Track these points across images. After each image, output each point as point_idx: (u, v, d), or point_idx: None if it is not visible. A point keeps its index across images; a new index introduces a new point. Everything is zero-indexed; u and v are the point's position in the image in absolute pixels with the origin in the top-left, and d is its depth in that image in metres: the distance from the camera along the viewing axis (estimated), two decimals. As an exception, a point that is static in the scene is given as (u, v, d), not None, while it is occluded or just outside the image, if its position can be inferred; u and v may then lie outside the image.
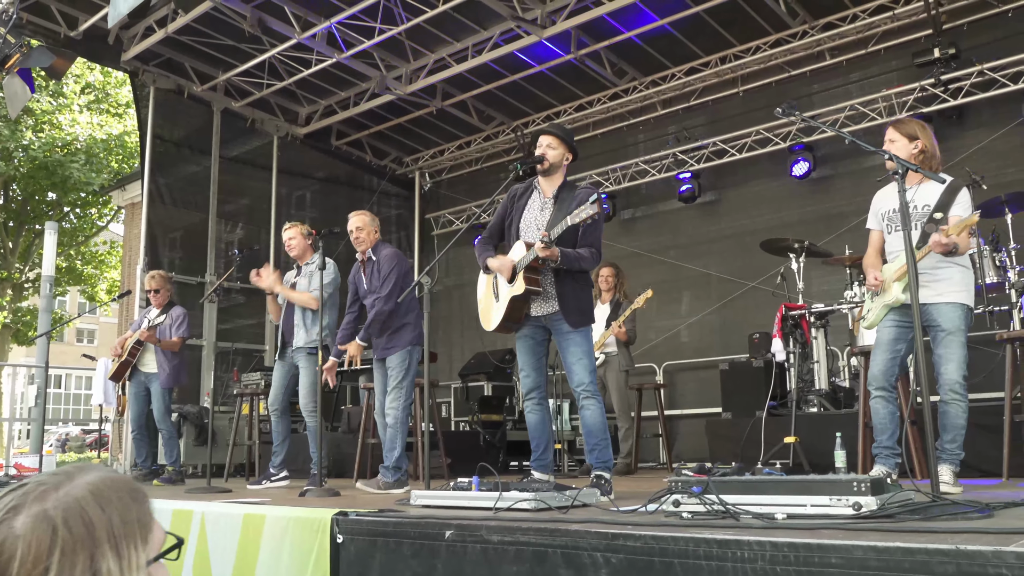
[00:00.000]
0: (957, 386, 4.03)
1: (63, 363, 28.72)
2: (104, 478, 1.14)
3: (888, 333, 4.25)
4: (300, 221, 6.62)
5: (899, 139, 4.24)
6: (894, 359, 4.25)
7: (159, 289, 7.32)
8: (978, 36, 8.13)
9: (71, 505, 1.08)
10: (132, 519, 1.13)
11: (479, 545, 2.87)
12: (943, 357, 4.06)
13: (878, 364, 4.28)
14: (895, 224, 4.27)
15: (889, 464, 4.23)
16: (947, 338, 4.03)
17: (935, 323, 4.08)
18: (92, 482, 1.12)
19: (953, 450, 4.06)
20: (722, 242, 9.80)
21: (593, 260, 4.36)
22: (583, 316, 4.37)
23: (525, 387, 4.46)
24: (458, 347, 11.90)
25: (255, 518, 3.70)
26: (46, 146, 19.17)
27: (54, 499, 1.08)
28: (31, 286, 21.77)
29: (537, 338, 4.47)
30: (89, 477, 1.13)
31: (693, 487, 2.91)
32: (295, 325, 6.24)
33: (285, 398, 6.39)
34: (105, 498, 1.11)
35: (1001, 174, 7.49)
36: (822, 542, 2.18)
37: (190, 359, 9.89)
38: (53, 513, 1.07)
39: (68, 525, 1.07)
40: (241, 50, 9.55)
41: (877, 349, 4.31)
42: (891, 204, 4.30)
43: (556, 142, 4.44)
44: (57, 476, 1.13)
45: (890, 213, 4.31)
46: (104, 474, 1.15)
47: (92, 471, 1.15)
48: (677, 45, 9.37)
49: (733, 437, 6.60)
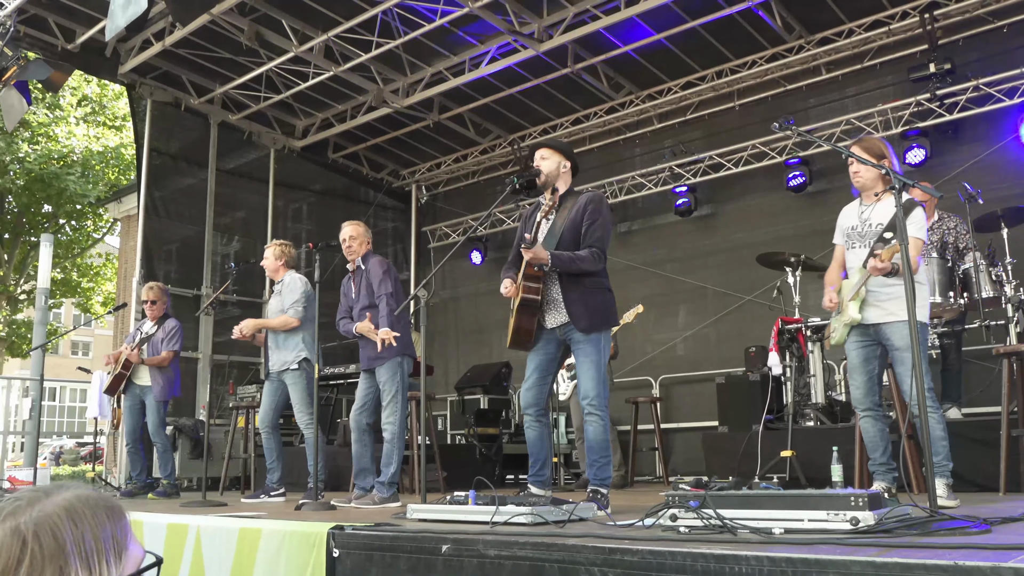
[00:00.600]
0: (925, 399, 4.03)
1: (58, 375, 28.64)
2: (79, 496, 1.16)
3: (858, 355, 4.30)
4: (284, 241, 6.73)
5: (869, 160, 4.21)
6: (871, 379, 4.29)
7: (156, 301, 7.32)
8: (973, 51, 8.17)
9: (42, 520, 1.11)
10: (105, 535, 1.15)
11: (475, 559, 2.86)
12: (903, 374, 4.11)
13: (858, 387, 4.32)
14: (853, 241, 4.33)
15: (888, 480, 4.23)
16: (905, 356, 4.03)
17: (889, 342, 4.14)
18: (67, 499, 1.15)
19: (940, 462, 4.03)
20: (718, 255, 9.81)
21: (594, 261, 4.23)
22: (593, 321, 4.24)
23: (525, 401, 4.38)
24: (454, 360, 11.90)
25: (251, 532, 3.68)
26: (42, 158, 19.15)
27: (27, 515, 1.11)
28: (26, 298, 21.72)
29: (550, 353, 4.37)
30: (65, 495, 1.16)
31: (690, 501, 2.90)
32: (270, 348, 6.37)
33: (275, 415, 6.41)
34: (78, 514, 1.14)
35: (996, 188, 7.51)
36: (820, 557, 2.17)
37: (186, 372, 9.88)
38: (24, 528, 1.10)
39: (38, 538, 1.09)
40: (238, 63, 9.57)
41: (853, 373, 4.35)
42: (850, 221, 4.38)
43: (548, 152, 4.43)
44: (34, 493, 1.16)
45: (849, 230, 4.36)
46: (80, 492, 1.17)
47: (69, 489, 1.17)
48: (673, 59, 9.40)
49: (730, 451, 6.58)
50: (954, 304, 5.63)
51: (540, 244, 4.19)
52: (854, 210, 4.42)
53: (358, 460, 5.54)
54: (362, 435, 5.54)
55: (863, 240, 4.27)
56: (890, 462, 4.28)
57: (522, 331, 4.30)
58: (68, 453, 25.36)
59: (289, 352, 6.20)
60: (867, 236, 4.25)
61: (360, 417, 5.54)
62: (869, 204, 4.32)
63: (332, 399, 8.92)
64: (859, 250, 4.28)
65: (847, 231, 4.39)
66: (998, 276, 5.69)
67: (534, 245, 4.09)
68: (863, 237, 4.27)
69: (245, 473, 8.23)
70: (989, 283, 5.67)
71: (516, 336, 4.33)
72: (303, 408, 6.16)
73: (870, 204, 4.31)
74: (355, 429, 5.54)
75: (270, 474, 6.43)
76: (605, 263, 4.35)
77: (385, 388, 5.43)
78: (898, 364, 4.13)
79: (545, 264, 4.17)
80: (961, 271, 5.73)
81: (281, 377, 6.29)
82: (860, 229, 4.31)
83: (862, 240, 4.28)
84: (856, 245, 4.31)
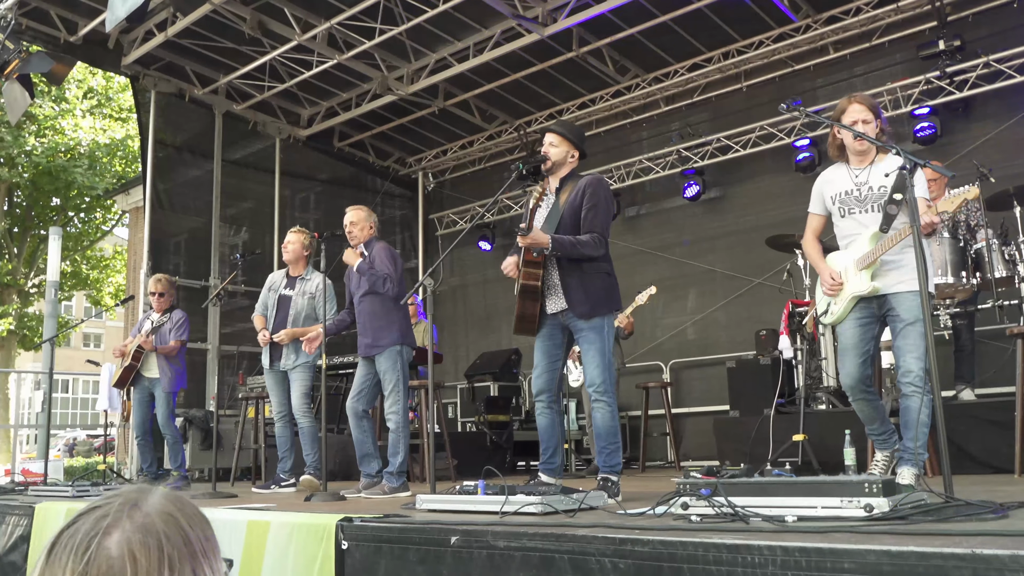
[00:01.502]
0: (917, 379, 3.79)
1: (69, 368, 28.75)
2: (173, 496, 1.11)
3: (853, 335, 4.01)
4: (306, 230, 6.58)
5: (872, 120, 4.01)
6: (865, 362, 4.00)
7: (163, 293, 7.30)
8: (983, 27, 8.06)
9: (166, 519, 1.05)
10: (212, 535, 1.11)
11: (485, 551, 2.84)
12: (903, 348, 3.84)
13: (851, 372, 4.01)
14: (850, 207, 4.05)
15: (890, 445, 4.09)
16: (907, 328, 3.82)
17: (895, 313, 3.89)
18: (167, 499, 1.09)
19: (915, 449, 3.81)
20: (727, 238, 9.74)
21: (596, 245, 4.18)
22: (593, 306, 4.19)
23: (536, 388, 4.36)
24: (463, 347, 11.88)
25: (260, 525, 3.67)
26: (49, 151, 19.18)
27: (144, 515, 1.05)
28: (36, 291, 21.80)
29: (555, 339, 4.34)
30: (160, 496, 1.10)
31: (702, 489, 2.87)
32: (284, 346, 6.30)
33: (288, 404, 6.41)
34: (187, 515, 1.09)
35: (1008, 166, 7.42)
36: (834, 546, 2.14)
37: (195, 363, 9.89)
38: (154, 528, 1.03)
39: (169, 538, 1.03)
40: (242, 52, 9.52)
41: (845, 355, 4.05)
42: (841, 186, 4.09)
43: (558, 139, 4.38)
44: (129, 494, 1.09)
45: (842, 196, 4.08)
46: (170, 492, 1.12)
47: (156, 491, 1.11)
48: (679, 41, 9.31)
49: (741, 435, 6.54)
50: (967, 284, 5.56)
51: (538, 229, 4.15)
52: (843, 174, 4.13)
53: (360, 446, 5.52)
54: (360, 421, 5.50)
55: (863, 204, 4.01)
56: (888, 426, 4.12)
57: (525, 317, 4.29)
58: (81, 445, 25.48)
59: (302, 355, 6.22)
60: (868, 200, 4.00)
61: (356, 404, 5.49)
62: (862, 167, 4.06)
63: (342, 388, 8.90)
64: (860, 215, 4.03)
65: (838, 197, 4.10)
66: (1011, 255, 5.62)
67: (530, 231, 4.05)
68: (863, 201, 4.02)
69: (256, 464, 8.24)
70: (1002, 262, 5.59)
71: (520, 322, 4.32)
72: (304, 401, 6.23)
73: (863, 167, 4.05)
74: (352, 416, 5.50)
75: (281, 463, 6.44)
76: (607, 248, 4.30)
77: (386, 378, 5.39)
78: (900, 337, 3.87)
79: (545, 248, 4.12)
80: (973, 250, 5.65)
81: (288, 372, 6.29)
82: (857, 193, 4.05)
83: (861, 204, 4.02)
84: (855, 211, 4.04)
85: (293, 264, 6.44)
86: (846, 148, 4.12)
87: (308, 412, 6.23)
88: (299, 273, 6.43)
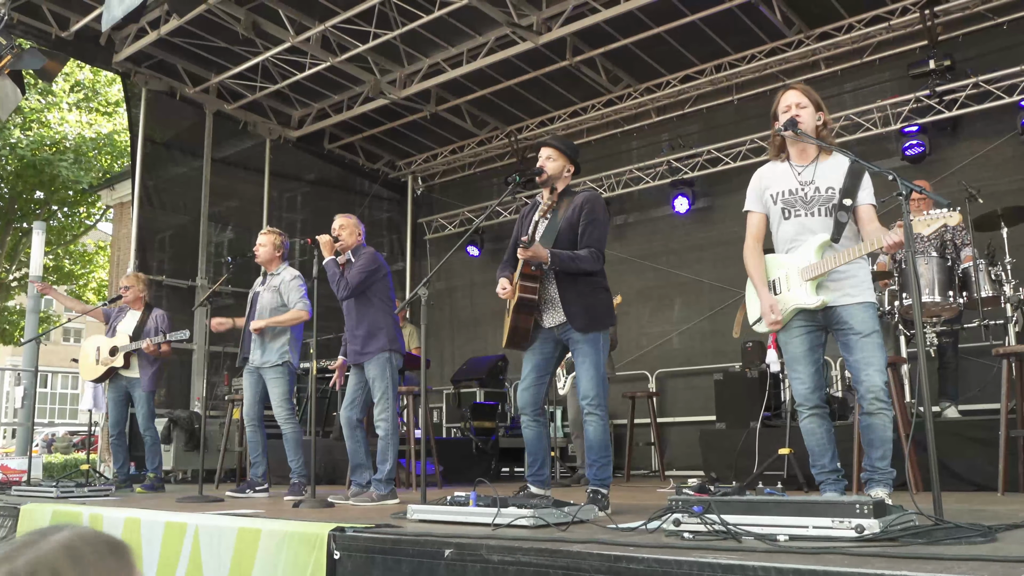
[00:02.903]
0: (882, 393, 3.56)
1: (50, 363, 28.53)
2: (80, 534, 1.11)
3: (801, 344, 3.75)
4: (276, 230, 6.56)
5: (809, 105, 3.76)
6: (818, 371, 3.76)
7: (129, 287, 7.22)
8: (973, 48, 8.16)
9: (41, 562, 1.05)
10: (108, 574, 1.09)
11: (479, 564, 2.85)
12: (862, 362, 3.57)
13: (804, 382, 3.75)
14: (795, 208, 3.74)
15: (839, 488, 3.74)
16: (862, 341, 3.58)
17: (846, 326, 3.63)
18: (67, 538, 1.09)
19: (884, 468, 3.62)
20: (714, 249, 9.78)
21: (593, 260, 4.23)
22: (591, 321, 4.22)
23: (522, 401, 4.38)
24: (448, 352, 11.89)
25: (250, 532, 3.66)
26: (34, 144, 19.01)
27: (24, 559, 1.05)
28: (17, 285, 21.60)
29: (546, 353, 4.36)
30: (64, 534, 1.10)
31: (694, 506, 2.89)
32: (253, 341, 6.27)
33: (260, 408, 6.36)
34: (79, 553, 1.08)
35: (994, 185, 7.52)
36: (828, 569, 2.16)
37: (180, 363, 9.84)
38: (21, 571, 1.04)
39: None
40: (234, 52, 9.50)
41: (796, 365, 3.77)
42: (784, 184, 3.80)
43: (556, 154, 4.41)
44: (30, 536, 1.10)
45: (785, 195, 3.78)
46: (80, 531, 1.12)
47: (68, 529, 1.12)
48: (672, 52, 9.36)
49: (727, 448, 6.58)
50: (953, 303, 5.63)
51: (538, 243, 4.17)
52: (785, 172, 3.83)
53: (353, 456, 5.53)
54: (353, 431, 5.50)
55: (809, 207, 3.71)
56: (840, 469, 3.78)
57: (519, 331, 4.29)
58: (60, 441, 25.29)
59: (273, 353, 6.16)
60: (815, 202, 3.70)
61: (350, 413, 5.49)
62: (805, 164, 3.78)
63: (328, 392, 8.88)
64: (805, 218, 3.72)
65: (781, 196, 3.79)
66: (997, 275, 5.69)
67: (531, 244, 4.07)
68: (808, 203, 3.71)
69: (241, 465, 8.19)
70: (988, 282, 5.66)
71: (513, 336, 4.32)
72: (283, 404, 6.15)
73: (806, 164, 3.77)
74: (346, 426, 5.51)
75: (254, 468, 6.36)
76: (603, 263, 4.34)
77: (375, 385, 5.39)
78: (857, 351, 3.59)
79: (544, 262, 4.15)
80: (960, 270, 5.73)
81: (260, 372, 6.24)
82: (803, 193, 3.73)
83: (807, 207, 3.71)
84: (800, 213, 3.73)
85: (267, 264, 6.43)
86: (787, 144, 3.86)
87: (290, 418, 6.15)
88: (273, 271, 6.41)
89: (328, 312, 6.09)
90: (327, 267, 5.42)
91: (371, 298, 5.47)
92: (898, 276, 5.73)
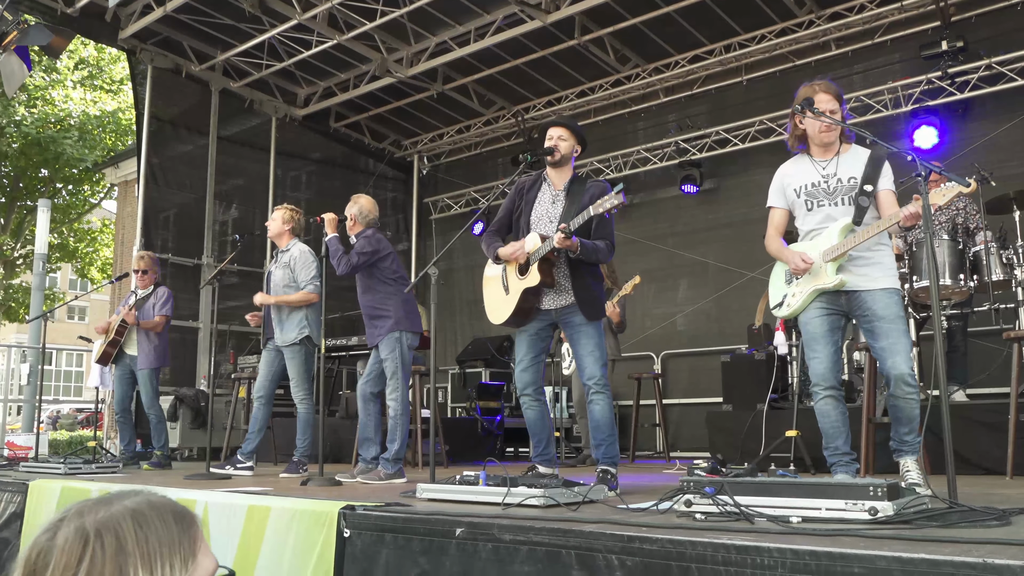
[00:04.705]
0: (910, 379, 3.63)
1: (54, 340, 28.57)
2: (149, 500, 1.18)
3: (821, 324, 3.81)
4: (293, 205, 6.51)
5: (837, 108, 3.83)
6: (837, 352, 3.81)
7: (147, 270, 7.27)
8: (986, 29, 8.07)
9: (108, 522, 1.13)
10: (171, 540, 1.15)
11: (490, 543, 2.84)
12: (888, 349, 3.63)
13: (822, 361, 3.78)
14: (818, 199, 3.87)
15: (850, 471, 3.79)
16: (888, 327, 3.63)
17: (870, 312, 3.70)
18: (136, 502, 1.16)
19: (911, 440, 3.74)
20: (720, 231, 9.75)
21: (608, 252, 4.35)
22: (597, 309, 4.34)
23: (522, 382, 4.43)
24: (453, 332, 11.87)
25: (260, 510, 3.66)
26: (39, 122, 18.98)
27: (94, 515, 1.13)
28: (23, 262, 21.62)
29: (541, 334, 4.44)
30: (136, 499, 1.17)
31: (706, 487, 2.88)
32: (273, 320, 6.26)
33: (272, 386, 6.35)
34: (144, 517, 1.15)
35: (1006, 167, 7.47)
36: (845, 551, 2.15)
37: (186, 342, 9.85)
38: (89, 527, 1.11)
39: (100, 538, 1.11)
40: (241, 30, 9.44)
41: (815, 344, 3.82)
42: (807, 178, 3.91)
43: (567, 134, 4.41)
44: (105, 496, 1.18)
45: (808, 188, 3.90)
46: (152, 498, 1.19)
47: (140, 495, 1.19)
48: (681, 32, 9.28)
49: (734, 430, 6.58)
50: (963, 286, 5.59)
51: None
52: (807, 166, 3.95)
53: (362, 429, 5.58)
54: (366, 404, 5.57)
55: (832, 197, 3.83)
56: (852, 451, 3.85)
57: (525, 311, 4.35)
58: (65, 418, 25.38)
59: (292, 330, 6.15)
60: (838, 192, 3.82)
61: (365, 387, 5.59)
62: (828, 158, 3.89)
63: (334, 371, 8.89)
64: (829, 208, 3.84)
65: (804, 189, 3.91)
66: (1009, 259, 5.65)
67: (571, 235, 4.10)
68: (832, 194, 3.84)
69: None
70: (999, 266, 5.63)
71: (516, 316, 4.37)
72: (300, 383, 6.15)
73: (829, 158, 3.89)
74: (360, 398, 5.61)
75: (247, 444, 6.31)
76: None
77: (386, 365, 5.43)
78: (882, 337, 3.65)
79: (574, 251, 4.17)
80: (972, 253, 5.69)
81: (280, 349, 6.24)
82: (826, 185, 3.86)
83: (831, 197, 3.83)
84: (824, 203, 3.85)
85: (277, 239, 6.40)
86: (809, 138, 3.93)
87: (307, 398, 6.15)
88: (283, 247, 6.38)
89: (336, 291, 6.09)
90: (329, 244, 5.44)
91: (375, 280, 5.50)
92: (908, 259, 5.70)
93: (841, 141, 3.90)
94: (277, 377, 6.33)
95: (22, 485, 4.99)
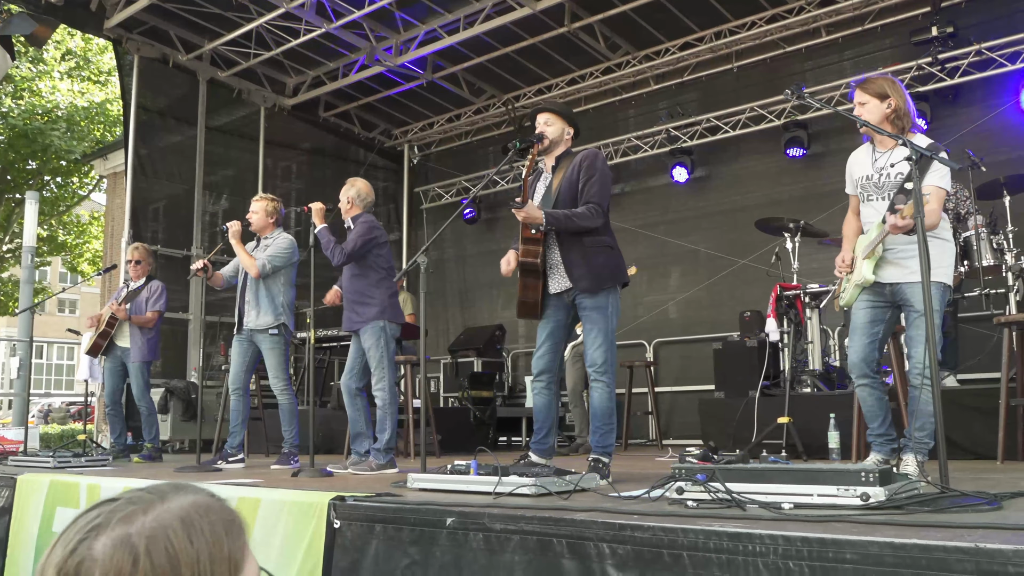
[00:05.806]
0: (927, 370, 3.64)
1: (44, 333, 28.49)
2: (198, 505, 1.05)
3: (864, 315, 3.99)
4: (274, 197, 6.38)
5: (869, 100, 3.94)
6: (872, 343, 3.97)
7: (140, 261, 7.22)
8: (976, 15, 8.06)
9: (157, 532, 0.99)
10: (222, 556, 1.03)
11: (481, 533, 2.83)
12: (915, 339, 3.82)
13: (857, 351, 4.00)
14: (868, 192, 4.00)
15: (885, 451, 4.00)
16: (918, 319, 3.75)
17: (908, 303, 3.85)
18: (184, 508, 1.03)
19: (922, 439, 3.85)
20: (712, 218, 9.75)
21: (592, 216, 4.10)
22: (596, 280, 4.12)
23: (537, 368, 4.29)
24: (444, 322, 11.85)
25: (249, 501, 3.64)
26: (26, 113, 18.82)
27: (140, 523, 1.00)
28: (11, 256, 21.49)
29: (560, 320, 4.27)
30: (182, 502, 1.04)
31: (698, 474, 2.87)
32: (247, 303, 6.09)
33: (247, 377, 6.21)
34: (196, 529, 1.02)
35: (996, 152, 7.47)
36: (836, 537, 2.14)
37: (176, 333, 9.79)
38: (136, 540, 0.98)
39: (150, 555, 0.98)
40: (228, 19, 9.37)
41: (854, 334, 4.03)
42: (863, 171, 4.04)
43: (553, 118, 4.34)
44: (150, 495, 1.04)
45: (863, 180, 4.03)
46: (199, 499, 1.06)
47: (187, 494, 1.06)
48: (672, 19, 9.25)
49: (726, 417, 6.58)
50: (954, 272, 5.59)
51: (532, 204, 4.09)
52: (866, 157, 4.04)
53: (353, 424, 5.50)
54: (353, 399, 5.46)
55: (880, 191, 3.94)
56: (890, 431, 4.02)
57: (527, 302, 4.22)
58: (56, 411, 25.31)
59: (267, 314, 5.98)
60: (885, 187, 3.93)
61: (349, 382, 5.45)
62: (884, 150, 3.97)
63: (325, 362, 8.87)
64: (876, 202, 3.95)
65: (860, 181, 4.04)
66: (999, 244, 5.66)
67: (524, 205, 3.99)
68: (880, 188, 3.94)
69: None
70: (990, 251, 5.64)
71: (522, 307, 4.24)
72: (278, 374, 6.02)
73: (885, 150, 3.96)
74: (346, 394, 5.47)
75: (232, 437, 6.21)
76: (606, 219, 4.22)
77: (370, 354, 5.34)
78: (913, 327, 3.83)
79: (540, 224, 4.06)
80: (962, 239, 5.69)
81: (253, 338, 6.08)
82: (876, 179, 3.96)
83: (879, 191, 3.94)
84: (873, 197, 3.96)
85: (261, 232, 6.23)
86: None
87: (286, 388, 6.01)
88: (267, 236, 6.21)
89: (326, 282, 6.03)
90: (320, 235, 5.37)
91: (367, 266, 5.43)
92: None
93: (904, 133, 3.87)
94: (252, 367, 6.20)
95: (10, 479, 4.95)
